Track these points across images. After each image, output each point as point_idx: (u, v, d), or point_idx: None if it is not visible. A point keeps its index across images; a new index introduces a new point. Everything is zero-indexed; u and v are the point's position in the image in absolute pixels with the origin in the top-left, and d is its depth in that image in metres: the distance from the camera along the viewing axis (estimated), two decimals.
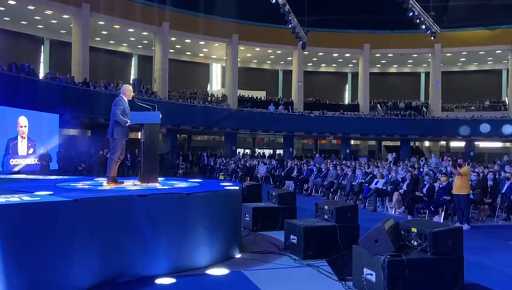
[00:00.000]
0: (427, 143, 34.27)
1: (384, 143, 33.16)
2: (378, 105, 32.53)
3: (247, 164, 20.30)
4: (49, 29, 25.02)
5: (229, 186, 5.84)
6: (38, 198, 3.94)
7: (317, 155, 24.44)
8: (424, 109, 31.82)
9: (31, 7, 21.67)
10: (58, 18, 23.52)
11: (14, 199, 3.82)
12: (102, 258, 3.97)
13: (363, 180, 11.75)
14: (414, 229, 4.18)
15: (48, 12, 22.63)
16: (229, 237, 5.24)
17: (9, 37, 21.48)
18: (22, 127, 13.85)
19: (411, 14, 24.81)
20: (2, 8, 18.59)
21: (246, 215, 7.13)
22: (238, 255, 5.34)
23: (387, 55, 32.55)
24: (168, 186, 5.58)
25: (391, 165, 17.14)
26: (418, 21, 25.45)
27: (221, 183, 6.38)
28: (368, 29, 29.90)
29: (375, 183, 11.05)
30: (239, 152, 28.99)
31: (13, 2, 20.47)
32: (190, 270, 4.58)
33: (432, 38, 26.86)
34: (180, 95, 28.34)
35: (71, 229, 3.74)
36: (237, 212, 5.79)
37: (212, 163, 23.36)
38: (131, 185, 5.60)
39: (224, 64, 31.70)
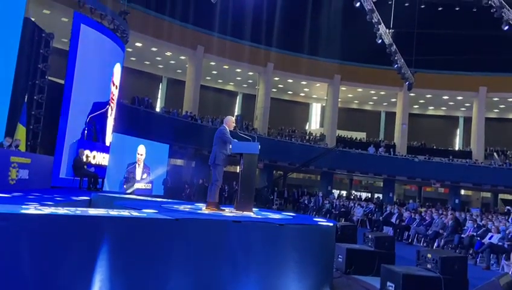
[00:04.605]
0: None
1: (501, 196, 29.53)
2: (495, 153, 29.34)
3: (343, 204, 19.65)
4: (167, 69, 27.97)
5: (322, 222, 5.68)
6: (145, 214, 4.26)
7: (415, 203, 22.68)
8: None
9: (154, 49, 24.57)
10: (176, 59, 26.22)
11: (125, 213, 4.20)
12: (194, 278, 4.08)
13: (475, 233, 10.52)
14: None
15: (168, 53, 25.40)
16: (320, 275, 5.03)
17: (134, 75, 24.44)
18: (140, 155, 15.31)
19: None
20: (130, 49, 21.30)
21: (339, 256, 6.81)
22: None
23: (507, 100, 29.53)
24: (261, 216, 5.63)
25: (510, 219, 15.10)
26: None
27: (315, 219, 6.24)
28: (484, 71, 27.66)
29: (489, 238, 9.81)
30: (333, 192, 28.29)
31: (139, 44, 23.39)
32: None
33: None
34: (279, 132, 29.00)
35: (170, 246, 3.94)
36: (330, 250, 5.56)
37: (306, 201, 23.10)
38: (227, 211, 5.77)
39: (324, 104, 31.80)
